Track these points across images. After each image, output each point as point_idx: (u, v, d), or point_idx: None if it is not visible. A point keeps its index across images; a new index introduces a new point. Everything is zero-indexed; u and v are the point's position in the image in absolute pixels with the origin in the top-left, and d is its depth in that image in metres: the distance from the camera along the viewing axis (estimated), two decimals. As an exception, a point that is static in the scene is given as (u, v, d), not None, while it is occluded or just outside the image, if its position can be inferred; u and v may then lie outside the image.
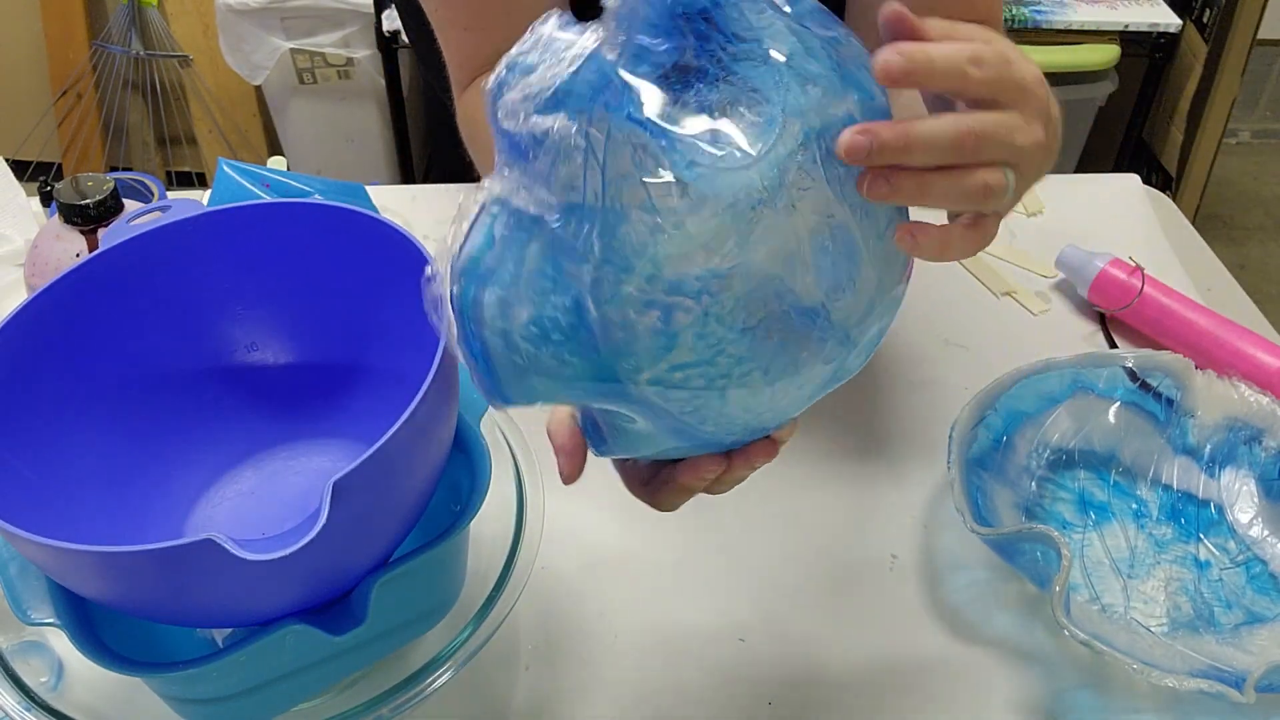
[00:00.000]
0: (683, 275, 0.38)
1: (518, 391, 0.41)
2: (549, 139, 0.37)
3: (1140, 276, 0.82)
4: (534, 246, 0.38)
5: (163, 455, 0.54)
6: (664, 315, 0.38)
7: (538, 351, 0.39)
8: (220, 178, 0.64)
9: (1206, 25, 1.98)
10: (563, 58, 0.38)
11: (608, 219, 0.37)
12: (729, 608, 0.63)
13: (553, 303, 0.38)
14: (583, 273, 0.38)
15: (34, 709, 0.46)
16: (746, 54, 0.39)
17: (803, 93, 0.39)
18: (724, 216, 0.38)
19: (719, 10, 0.39)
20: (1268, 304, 0.93)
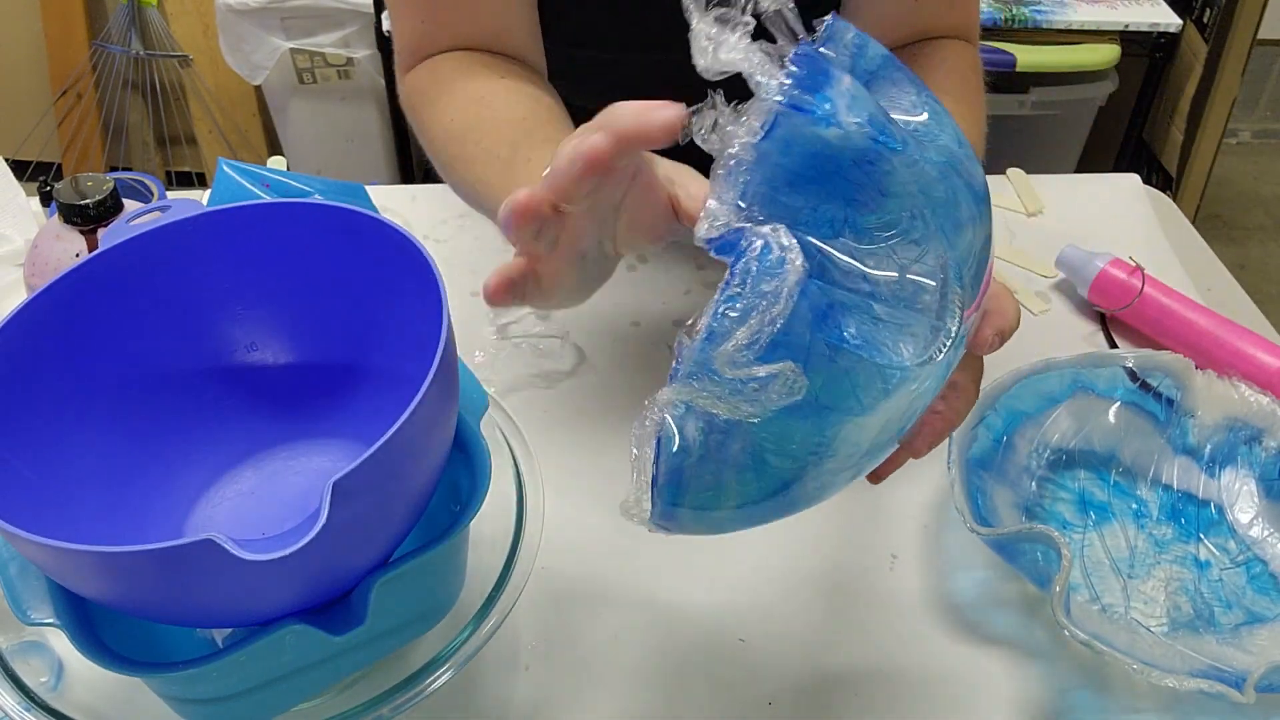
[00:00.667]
0: (878, 442, 0.41)
1: (702, 534, 0.45)
2: (772, 382, 0.37)
3: (1140, 276, 0.82)
4: (733, 448, 0.39)
5: (163, 455, 0.54)
6: (857, 471, 0.42)
7: (745, 519, 0.42)
8: (220, 178, 0.64)
9: (1206, 25, 1.98)
10: (769, 297, 0.36)
11: (813, 423, 0.38)
12: (729, 608, 0.63)
13: (756, 491, 0.40)
14: (784, 465, 0.39)
15: (34, 709, 0.46)
16: (897, 207, 0.38)
17: (959, 243, 0.40)
18: (924, 391, 0.40)
19: (872, 168, 0.38)
20: (1268, 304, 0.93)
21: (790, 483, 0.40)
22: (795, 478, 0.40)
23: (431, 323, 0.46)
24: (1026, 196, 0.98)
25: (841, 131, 0.37)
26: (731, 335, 0.36)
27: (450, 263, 0.87)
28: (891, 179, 0.38)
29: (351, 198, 0.65)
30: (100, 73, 2.14)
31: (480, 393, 0.56)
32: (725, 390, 0.37)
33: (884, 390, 0.38)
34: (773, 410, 0.37)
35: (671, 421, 0.38)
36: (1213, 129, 2.08)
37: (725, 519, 0.42)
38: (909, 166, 0.38)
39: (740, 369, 0.37)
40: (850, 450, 0.40)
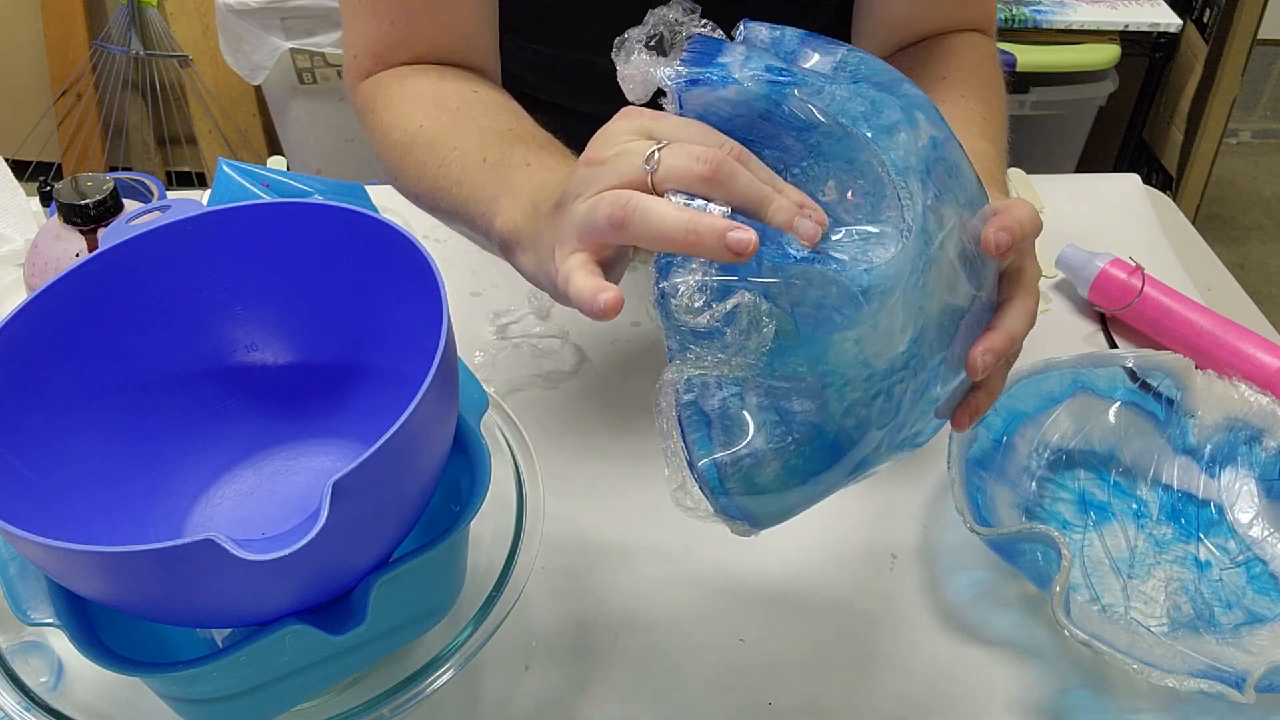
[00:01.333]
0: (891, 359, 0.41)
1: (781, 518, 0.45)
2: (738, 314, 0.39)
3: (1140, 276, 0.82)
4: (750, 400, 0.40)
5: (163, 455, 0.54)
6: (887, 395, 0.41)
7: (795, 486, 0.42)
8: (220, 178, 0.64)
9: (1206, 25, 1.98)
10: None
11: (812, 350, 0.39)
12: (729, 608, 0.63)
13: (792, 444, 0.41)
14: (806, 405, 0.40)
15: (34, 709, 0.46)
16: (822, 136, 0.41)
17: (896, 144, 0.41)
18: (906, 293, 0.40)
19: (779, 108, 0.41)
20: (1268, 304, 0.93)
21: (822, 427, 0.40)
22: (823, 418, 0.40)
23: (431, 323, 0.46)
24: (1026, 196, 0.98)
25: (739, 86, 0.40)
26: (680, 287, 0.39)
27: (450, 263, 0.87)
28: (804, 111, 0.40)
29: (351, 198, 0.65)
30: (100, 73, 2.14)
31: (480, 393, 0.56)
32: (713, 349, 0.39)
33: (855, 296, 0.39)
34: (763, 354, 0.39)
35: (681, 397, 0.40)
36: (1213, 129, 2.08)
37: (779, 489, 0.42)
38: (816, 94, 0.40)
39: (701, 315, 0.38)
40: (862, 372, 0.40)
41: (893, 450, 0.45)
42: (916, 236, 0.40)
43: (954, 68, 0.70)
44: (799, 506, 0.44)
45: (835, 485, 0.44)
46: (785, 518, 0.45)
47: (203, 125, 2.19)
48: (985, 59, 0.72)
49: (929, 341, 0.42)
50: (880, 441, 0.43)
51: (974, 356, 0.44)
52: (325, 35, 1.95)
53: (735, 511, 0.43)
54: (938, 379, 0.43)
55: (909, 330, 0.41)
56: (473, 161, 0.59)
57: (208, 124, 2.19)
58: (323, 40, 1.95)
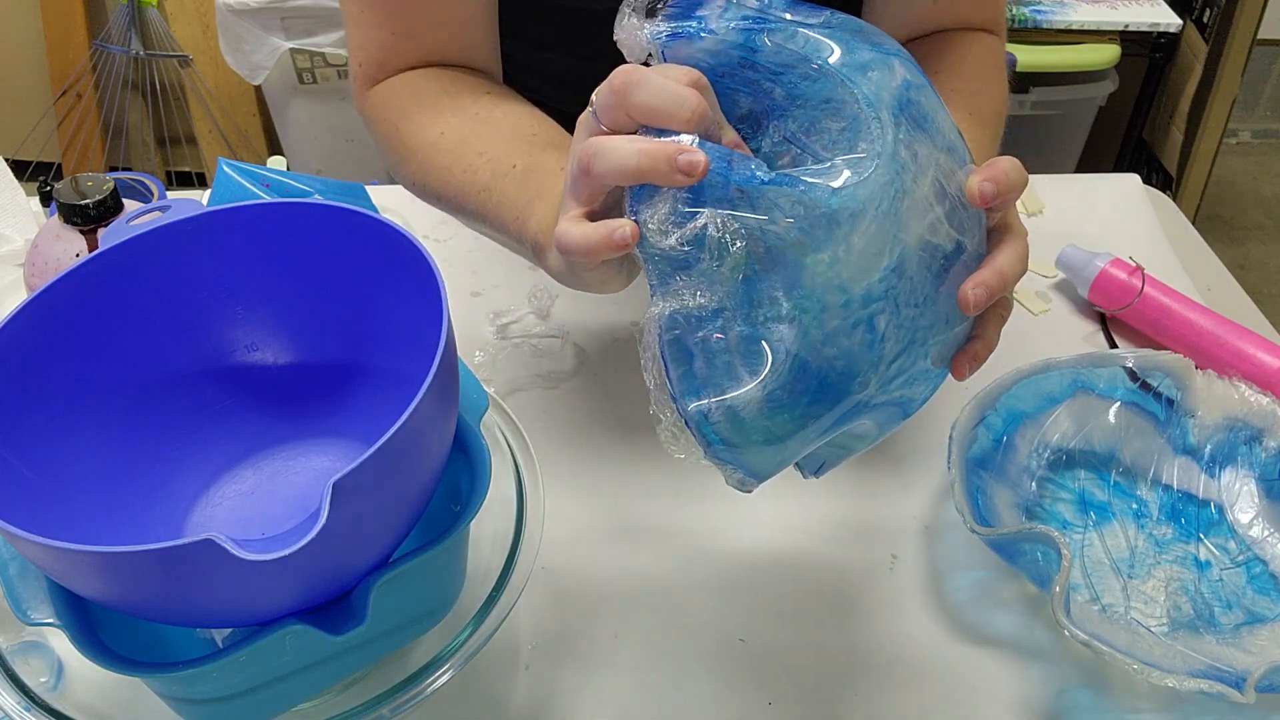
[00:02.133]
0: (868, 286, 0.41)
1: (772, 466, 0.44)
2: (706, 238, 0.39)
3: (1140, 276, 0.82)
4: (730, 335, 0.40)
5: (163, 455, 0.54)
6: (868, 326, 0.41)
7: (780, 420, 0.41)
8: (220, 178, 0.64)
9: (1206, 25, 1.98)
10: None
11: (785, 275, 0.40)
12: (729, 608, 0.63)
13: (774, 373, 0.40)
14: (784, 332, 0.40)
15: (34, 709, 0.46)
16: (798, 77, 0.42)
17: (868, 80, 0.42)
18: (878, 219, 0.41)
19: (755, 54, 0.42)
20: (1268, 304, 0.93)
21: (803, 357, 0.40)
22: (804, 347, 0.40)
23: (431, 323, 0.46)
24: (1026, 196, 0.98)
25: (716, 35, 0.42)
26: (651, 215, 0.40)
27: (450, 263, 0.87)
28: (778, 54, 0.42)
29: (351, 198, 0.65)
30: (100, 73, 2.14)
31: (480, 393, 0.56)
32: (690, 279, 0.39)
33: (824, 217, 0.40)
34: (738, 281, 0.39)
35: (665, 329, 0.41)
36: (1213, 129, 2.08)
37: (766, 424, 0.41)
38: (790, 38, 0.42)
39: (669, 236, 0.39)
40: (838, 297, 0.40)
41: (886, 395, 0.44)
42: (887, 162, 0.41)
43: (956, 60, 0.70)
44: (788, 448, 0.43)
45: (823, 424, 0.43)
46: (777, 462, 0.44)
47: (203, 125, 2.20)
48: (989, 55, 0.72)
49: (908, 275, 0.42)
50: (869, 380, 0.42)
51: (965, 292, 0.44)
52: (325, 35, 1.95)
53: (722, 452, 0.42)
54: (927, 322, 0.43)
55: (884, 258, 0.41)
56: (501, 169, 0.60)
57: (208, 124, 2.19)
58: (323, 40, 1.95)
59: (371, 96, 0.71)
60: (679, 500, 0.68)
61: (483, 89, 0.68)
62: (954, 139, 0.46)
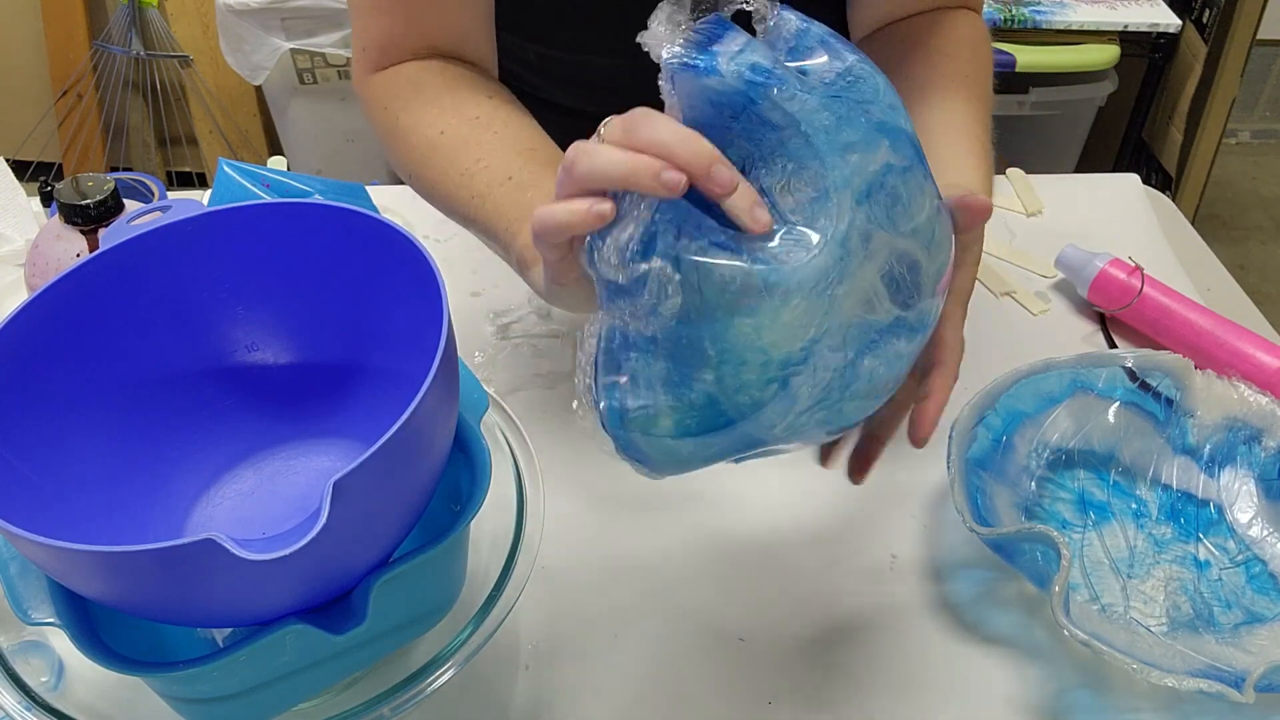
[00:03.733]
0: (788, 353, 0.45)
1: (675, 471, 0.48)
2: (649, 279, 0.43)
3: (1140, 276, 0.82)
4: (657, 365, 0.44)
5: (163, 455, 0.54)
6: (782, 385, 0.45)
7: (685, 444, 0.46)
8: (220, 178, 0.64)
9: (1206, 25, 1.98)
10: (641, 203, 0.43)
11: (715, 328, 0.44)
12: (729, 608, 0.63)
13: (688, 403, 0.45)
14: (705, 376, 0.44)
15: (34, 709, 0.46)
16: (790, 137, 0.45)
17: (844, 163, 0.45)
18: (809, 299, 0.44)
19: (755, 106, 0.45)
20: (1268, 304, 0.93)
21: (716, 397, 0.45)
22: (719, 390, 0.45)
23: (431, 323, 0.46)
24: (1026, 196, 0.98)
25: (721, 78, 0.44)
26: (606, 241, 0.44)
27: (450, 263, 0.87)
28: (773, 112, 0.44)
29: (351, 198, 0.65)
30: (101, 73, 2.14)
31: (480, 393, 0.56)
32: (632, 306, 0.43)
33: (758, 290, 0.43)
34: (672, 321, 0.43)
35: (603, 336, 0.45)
36: (1212, 129, 2.08)
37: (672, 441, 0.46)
38: (789, 99, 0.44)
39: (617, 271, 0.43)
40: (758, 357, 0.44)
41: (793, 435, 0.48)
42: (831, 250, 0.44)
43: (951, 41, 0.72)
44: (692, 463, 0.48)
45: (727, 452, 0.48)
46: (681, 470, 0.48)
47: (203, 125, 2.20)
48: (976, 33, 0.74)
49: (831, 344, 0.46)
50: (774, 424, 0.46)
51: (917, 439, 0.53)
52: (325, 35, 1.95)
53: (632, 452, 0.47)
54: (845, 382, 0.47)
55: (809, 331, 0.45)
56: (497, 179, 0.61)
57: (208, 124, 2.19)
58: (323, 40, 1.95)
59: (373, 83, 0.72)
60: (679, 500, 0.68)
61: (485, 92, 0.69)
62: (923, 222, 0.48)
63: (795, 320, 0.44)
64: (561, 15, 0.77)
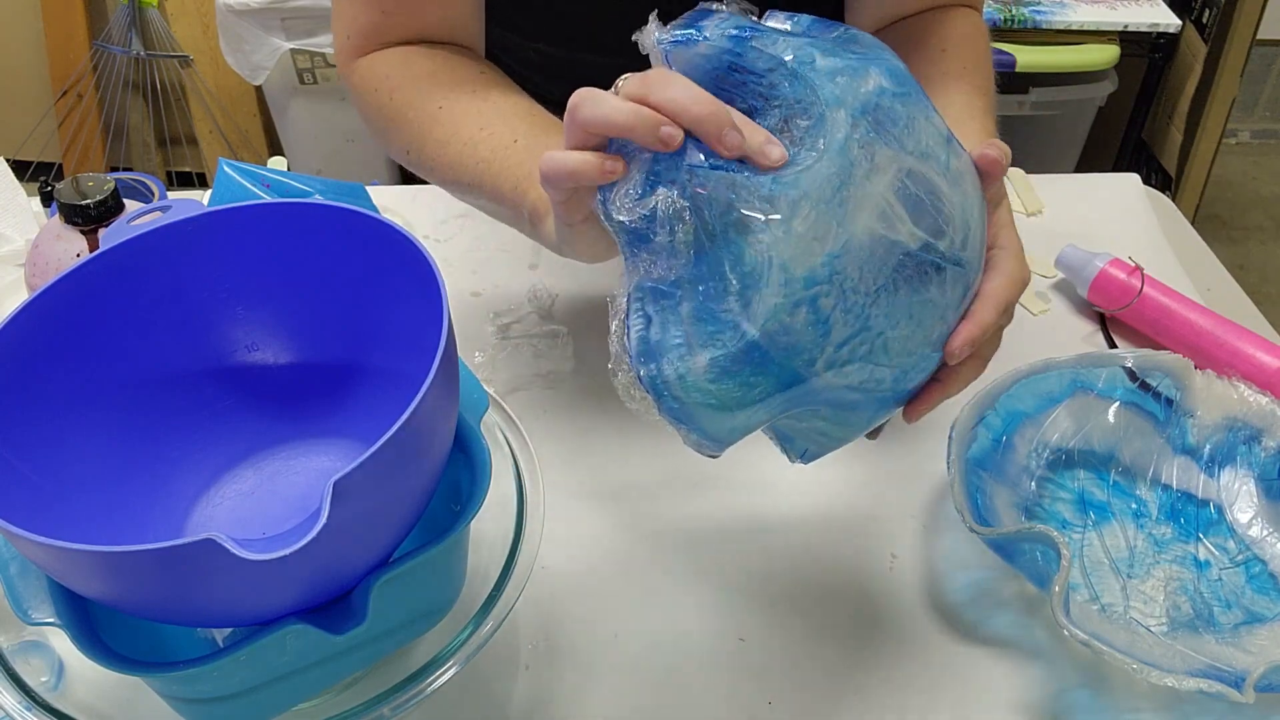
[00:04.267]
0: (810, 268, 0.44)
1: (724, 432, 0.47)
2: (658, 213, 0.44)
3: (1140, 276, 0.82)
4: (685, 306, 0.45)
5: (163, 455, 0.54)
6: (811, 307, 0.45)
7: (726, 387, 0.45)
8: (220, 178, 0.64)
9: (1206, 25, 1.98)
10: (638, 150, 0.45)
11: (731, 252, 0.44)
12: (729, 608, 0.63)
13: (719, 342, 0.45)
14: (731, 305, 0.44)
15: (34, 708, 0.46)
16: (779, 79, 0.46)
17: (834, 84, 0.46)
18: (818, 207, 0.44)
19: (741, 58, 0.47)
20: (1268, 304, 0.93)
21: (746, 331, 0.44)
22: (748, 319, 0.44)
23: (431, 323, 0.46)
24: (1026, 196, 0.98)
25: (710, 41, 0.47)
26: (613, 191, 0.45)
27: (450, 263, 0.87)
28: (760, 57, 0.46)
29: (351, 198, 0.65)
30: (101, 73, 2.14)
31: (480, 393, 0.56)
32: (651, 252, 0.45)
33: (761, 201, 0.44)
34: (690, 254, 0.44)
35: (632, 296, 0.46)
36: (1212, 129, 2.08)
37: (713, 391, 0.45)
38: (772, 44, 0.46)
39: (627, 211, 0.45)
40: (779, 275, 0.44)
41: (843, 380, 0.47)
42: (834, 156, 0.45)
43: (954, 38, 0.73)
44: (740, 417, 0.46)
45: (772, 399, 0.46)
46: (729, 427, 0.47)
47: (203, 125, 2.20)
48: (977, 31, 0.75)
49: (855, 262, 0.45)
50: (814, 359, 0.46)
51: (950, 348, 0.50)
52: (325, 35, 1.95)
53: (678, 413, 0.46)
54: (882, 312, 0.47)
55: (826, 244, 0.45)
56: (503, 143, 0.63)
57: (208, 124, 2.19)
58: (323, 40, 1.95)
59: (359, 67, 0.73)
60: (679, 500, 0.68)
61: (476, 67, 0.70)
62: (933, 146, 0.49)
63: (808, 231, 0.44)
64: (562, 15, 0.77)
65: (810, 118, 0.46)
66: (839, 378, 0.47)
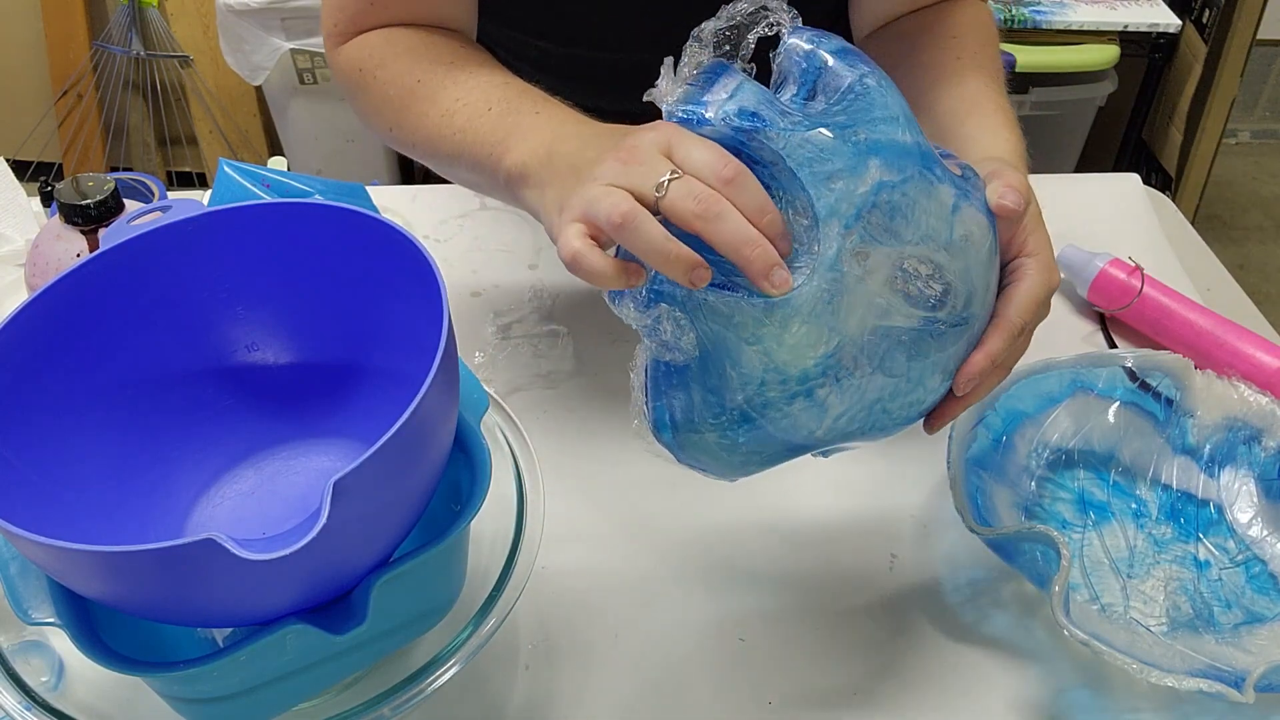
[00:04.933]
0: (804, 369, 0.48)
1: (737, 475, 0.52)
2: (662, 321, 0.47)
3: (1140, 276, 0.82)
4: (695, 390, 0.49)
5: (163, 455, 0.54)
6: (807, 397, 0.48)
7: (735, 455, 0.50)
8: (220, 178, 0.64)
9: (1206, 25, 1.98)
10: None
11: (732, 357, 0.47)
12: (729, 608, 0.63)
13: (727, 421, 0.49)
14: (736, 396, 0.48)
15: (34, 708, 0.46)
16: (781, 173, 0.48)
17: (829, 191, 0.47)
18: (809, 321, 0.47)
19: (746, 147, 0.48)
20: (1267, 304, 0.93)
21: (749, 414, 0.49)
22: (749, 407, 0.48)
23: (431, 323, 0.46)
24: (1026, 197, 0.98)
25: (711, 128, 0.47)
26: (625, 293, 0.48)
27: (450, 263, 0.87)
28: (763, 151, 0.47)
29: (351, 198, 0.65)
30: (101, 73, 2.14)
31: (480, 393, 0.56)
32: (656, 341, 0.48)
33: (755, 319, 0.47)
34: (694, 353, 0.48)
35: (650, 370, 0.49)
36: (1212, 129, 2.08)
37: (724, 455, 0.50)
38: (774, 138, 0.47)
39: (636, 319, 0.48)
40: (775, 377, 0.48)
41: (842, 437, 0.51)
42: (823, 274, 0.47)
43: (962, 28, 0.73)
44: (749, 468, 0.52)
45: (781, 456, 0.52)
46: (743, 473, 0.52)
47: (203, 125, 2.20)
48: (981, 21, 0.75)
49: (850, 354, 0.48)
50: (814, 430, 0.50)
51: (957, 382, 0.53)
52: (325, 35, 1.95)
53: (692, 463, 0.51)
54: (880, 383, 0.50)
55: (820, 347, 0.48)
56: (478, 111, 0.64)
57: (208, 124, 2.19)
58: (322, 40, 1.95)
59: (345, 50, 0.74)
60: (679, 500, 0.68)
61: (457, 40, 0.71)
62: (935, 225, 0.50)
63: (801, 341, 0.47)
64: (562, 15, 0.77)
65: (808, 218, 0.47)
66: (840, 437, 0.51)
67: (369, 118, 0.73)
